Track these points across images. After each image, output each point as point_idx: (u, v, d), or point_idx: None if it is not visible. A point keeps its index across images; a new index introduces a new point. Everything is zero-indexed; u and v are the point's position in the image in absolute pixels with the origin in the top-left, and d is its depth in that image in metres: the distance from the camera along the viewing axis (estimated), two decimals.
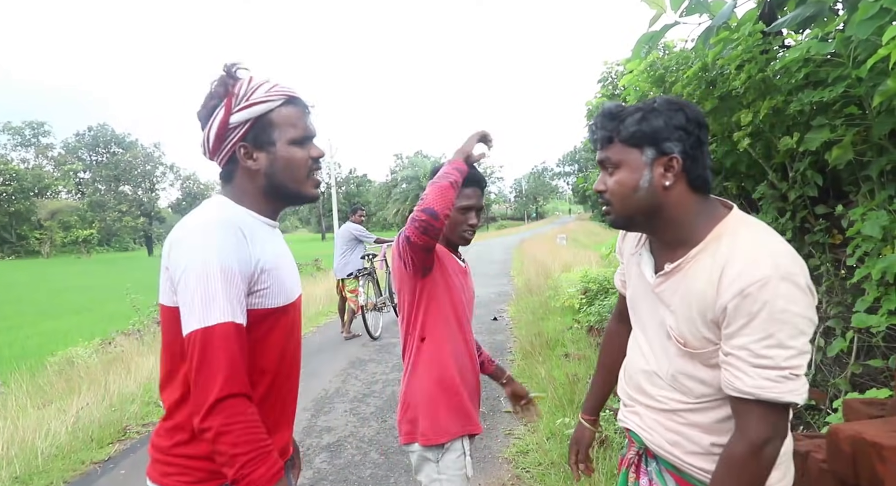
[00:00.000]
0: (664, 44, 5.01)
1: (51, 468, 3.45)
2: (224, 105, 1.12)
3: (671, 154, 1.05)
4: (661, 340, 1.15)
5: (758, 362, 0.95)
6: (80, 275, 25.93)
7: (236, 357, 1.00)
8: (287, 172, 1.16)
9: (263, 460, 0.99)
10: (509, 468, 3.21)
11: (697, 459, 1.11)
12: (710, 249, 1.04)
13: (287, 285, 1.16)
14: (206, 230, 1.04)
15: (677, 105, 1.07)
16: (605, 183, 1.12)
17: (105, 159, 61.23)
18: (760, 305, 0.94)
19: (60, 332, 9.86)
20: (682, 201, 1.07)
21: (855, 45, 2.28)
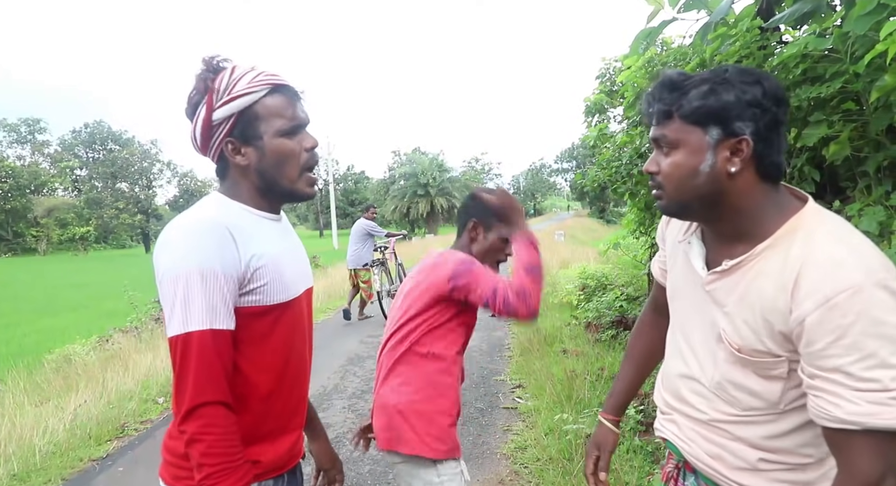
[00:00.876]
0: (662, 40, 5.02)
1: (49, 465, 3.45)
2: (206, 101, 1.07)
3: (741, 135, 0.89)
4: (707, 342, 1.02)
5: (859, 386, 0.80)
6: (77, 272, 25.87)
7: (213, 365, 0.98)
8: (278, 168, 1.10)
9: (230, 473, 0.98)
10: (507, 463, 3.22)
11: (743, 475, 0.99)
12: (781, 246, 0.89)
13: (288, 279, 1.12)
14: (188, 233, 1.01)
15: (754, 76, 0.90)
16: (658, 164, 0.97)
17: (102, 156, 61.00)
18: (853, 317, 0.79)
19: (58, 329, 9.84)
20: (749, 191, 0.92)
21: (852, 40, 2.28)
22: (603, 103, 7.16)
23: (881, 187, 2.31)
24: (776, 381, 0.93)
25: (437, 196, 43.14)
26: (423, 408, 1.62)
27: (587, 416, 3.40)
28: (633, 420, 3.27)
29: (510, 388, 4.60)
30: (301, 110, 1.13)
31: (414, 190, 43.36)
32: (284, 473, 1.19)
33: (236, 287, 1.03)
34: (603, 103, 7.16)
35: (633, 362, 1.39)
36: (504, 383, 4.72)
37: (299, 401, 1.22)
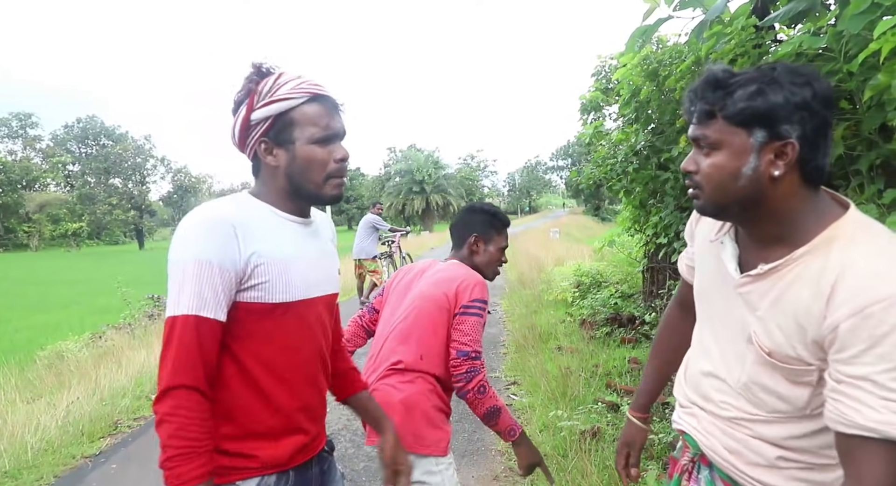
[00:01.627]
0: (658, 38, 5.03)
1: (41, 462, 3.43)
2: (247, 102, 1.14)
3: (787, 139, 0.86)
4: (735, 344, 1.01)
5: (885, 395, 0.79)
6: (70, 268, 25.71)
7: (192, 350, 1.01)
8: (305, 173, 1.14)
9: (191, 459, 0.99)
10: (502, 459, 3.23)
11: (760, 472, 0.98)
12: (819, 253, 0.87)
13: (297, 281, 1.14)
14: (192, 226, 1.06)
15: (804, 77, 0.86)
16: (697, 163, 0.94)
17: (95, 152, 60.53)
18: (888, 328, 0.78)
19: (50, 326, 9.77)
20: (791, 196, 0.90)
21: (846, 39, 2.29)
22: (598, 101, 7.18)
23: (873, 186, 2.33)
24: (805, 387, 0.92)
25: (432, 193, 43.13)
26: (426, 405, 1.70)
27: (582, 413, 3.41)
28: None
29: (505, 385, 4.61)
30: (337, 122, 1.18)
31: (409, 187, 43.33)
32: (290, 469, 1.18)
33: (233, 281, 1.06)
34: (598, 101, 7.18)
35: (660, 359, 1.38)
36: (499, 380, 4.73)
37: (308, 403, 1.21)
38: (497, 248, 1.91)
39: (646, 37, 3.66)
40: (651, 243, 5.34)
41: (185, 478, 0.98)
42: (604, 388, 3.97)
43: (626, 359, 4.50)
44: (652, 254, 5.59)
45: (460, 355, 1.68)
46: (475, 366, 1.68)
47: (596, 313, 5.99)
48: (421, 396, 1.71)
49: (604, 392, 3.87)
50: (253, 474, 1.13)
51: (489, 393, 1.69)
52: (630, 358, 4.49)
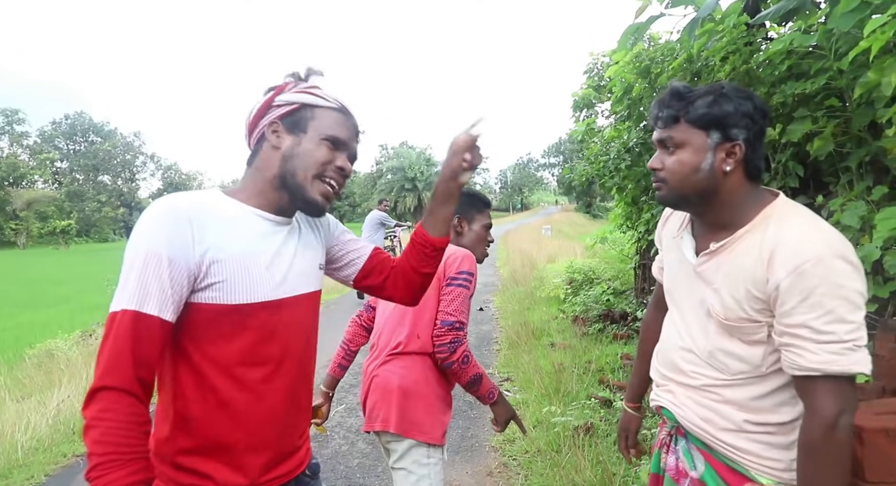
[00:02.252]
0: (649, 35, 5.05)
1: (31, 461, 3.41)
2: (278, 88, 1.14)
3: (736, 141, 1.06)
4: (699, 318, 1.16)
5: (820, 338, 0.96)
6: (59, 266, 25.47)
7: (125, 349, 0.92)
8: (300, 163, 1.09)
9: (119, 466, 0.88)
10: (496, 455, 3.25)
11: (730, 435, 1.12)
12: (758, 229, 1.06)
13: (261, 282, 1.05)
14: (146, 217, 1.00)
15: (746, 93, 1.08)
16: (663, 162, 1.13)
17: (83, 148, 59.98)
18: (817, 281, 0.95)
19: (39, 324, 9.68)
20: (737, 188, 1.09)
21: (836, 37, 2.32)
22: (591, 98, 7.19)
23: (863, 183, 2.36)
24: (758, 345, 1.07)
25: (424, 190, 43.10)
26: (422, 392, 1.73)
27: (575, 408, 3.43)
28: (621, 412, 3.30)
29: (498, 381, 4.62)
30: (353, 139, 1.16)
31: (401, 184, 43.29)
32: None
33: (185, 276, 0.99)
34: (591, 98, 7.19)
35: (644, 359, 1.51)
36: (493, 377, 4.74)
37: (280, 418, 1.10)
38: (480, 226, 1.94)
39: (638, 34, 3.68)
40: (643, 240, 5.37)
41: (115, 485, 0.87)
42: (597, 384, 3.99)
43: (618, 355, 4.53)
44: (644, 251, 5.62)
45: (444, 324, 1.70)
46: (458, 337, 1.70)
47: (588, 309, 6.02)
48: (420, 383, 1.73)
49: (597, 388, 3.89)
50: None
51: (472, 362, 1.73)
52: (622, 354, 4.52)
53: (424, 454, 1.70)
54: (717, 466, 1.14)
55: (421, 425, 1.70)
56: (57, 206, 53.27)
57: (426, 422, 1.71)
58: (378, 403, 1.75)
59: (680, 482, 1.22)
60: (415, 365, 1.74)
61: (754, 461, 1.09)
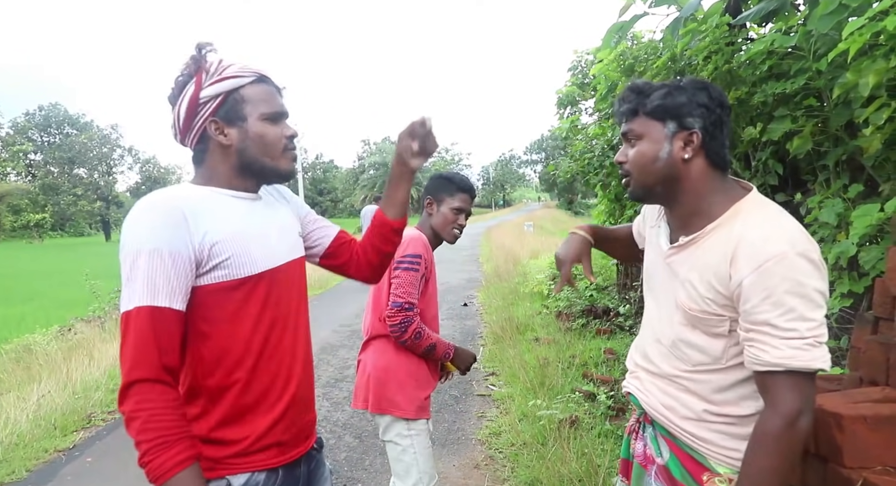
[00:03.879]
0: (633, 34, 5.11)
1: (12, 457, 3.35)
2: (194, 81, 1.11)
3: (692, 129, 1.09)
4: (668, 308, 1.20)
5: (782, 334, 0.98)
6: (33, 260, 24.88)
7: (148, 342, 0.98)
8: (260, 148, 1.14)
9: (167, 448, 0.96)
10: (482, 449, 3.29)
11: (690, 424, 1.15)
12: (725, 226, 1.08)
13: (258, 253, 1.12)
14: (140, 214, 1.03)
15: (702, 84, 1.12)
16: (626, 155, 1.17)
17: (58, 141, 58.55)
18: (778, 279, 0.97)
19: (13, 319, 9.46)
20: (700, 176, 1.12)
21: (815, 39, 2.38)
22: (575, 95, 7.25)
23: (839, 181, 2.43)
24: (719, 338, 1.10)
25: None
26: (394, 375, 1.88)
27: (560, 402, 3.48)
28: (604, 405, 3.37)
29: (484, 376, 4.67)
30: (283, 101, 1.19)
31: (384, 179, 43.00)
32: (279, 467, 1.16)
33: (189, 267, 1.04)
34: (575, 95, 7.25)
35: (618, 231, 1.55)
36: (478, 371, 4.78)
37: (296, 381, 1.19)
38: (449, 208, 1.97)
39: (622, 33, 3.73)
40: None
41: (166, 467, 0.96)
42: (580, 378, 4.05)
43: (601, 350, 4.59)
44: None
45: (394, 306, 1.82)
46: (409, 317, 1.81)
47: (572, 304, 6.09)
48: (391, 364, 1.89)
49: (581, 382, 3.95)
50: (242, 469, 1.11)
51: (424, 336, 1.86)
52: (606, 349, 4.58)
53: (405, 427, 1.87)
54: (679, 454, 1.17)
55: (396, 402, 1.87)
56: (31, 199, 51.93)
57: (400, 400, 1.87)
58: (359, 385, 1.96)
59: (647, 469, 1.25)
60: (385, 347, 1.91)
61: (714, 451, 1.12)
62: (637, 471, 1.30)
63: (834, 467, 1.34)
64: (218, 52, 1.15)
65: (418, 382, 1.92)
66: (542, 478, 2.71)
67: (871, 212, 2.01)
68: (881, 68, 1.89)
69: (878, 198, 2.19)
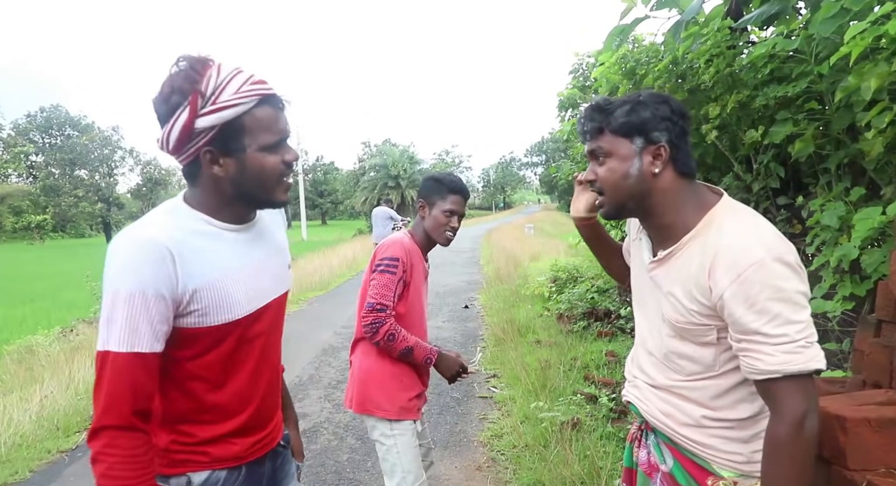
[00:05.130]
0: (634, 37, 5.12)
1: (15, 457, 3.36)
2: (189, 105, 1.00)
3: (659, 143, 1.10)
4: (656, 321, 1.20)
5: (773, 341, 0.99)
6: (34, 262, 24.89)
7: (124, 388, 0.97)
8: (256, 181, 1.07)
9: None
10: (484, 451, 3.29)
11: (690, 430, 1.16)
12: (700, 237, 1.08)
13: (239, 298, 1.09)
14: (126, 250, 1.00)
15: (662, 98, 1.13)
16: (596, 172, 1.16)
17: (59, 142, 58.61)
18: (759, 287, 0.98)
19: (14, 320, 9.47)
20: (671, 187, 1.12)
21: (817, 42, 2.39)
22: (576, 98, 7.26)
23: (841, 184, 2.44)
24: (709, 347, 1.11)
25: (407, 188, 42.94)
26: (376, 376, 1.92)
27: (562, 404, 3.49)
28: (606, 408, 3.37)
29: (485, 378, 4.67)
30: (285, 122, 1.10)
31: (384, 182, 43.03)
32: (242, 465, 1.19)
33: (170, 308, 1.02)
34: (576, 98, 7.26)
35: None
36: (479, 374, 4.79)
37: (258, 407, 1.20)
38: (440, 211, 1.96)
39: (623, 36, 3.75)
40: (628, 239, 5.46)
41: None
42: (582, 380, 4.05)
43: (602, 352, 4.60)
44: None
45: (367, 307, 1.84)
46: (379, 318, 1.83)
47: (573, 307, 6.09)
48: (373, 365, 1.93)
49: (582, 384, 3.95)
50: (204, 468, 1.13)
51: (398, 338, 1.85)
52: (607, 351, 4.59)
53: (388, 427, 1.91)
54: (683, 460, 1.18)
55: (378, 403, 1.91)
56: (32, 200, 51.95)
57: (381, 400, 1.91)
58: (348, 385, 2.02)
59: (652, 476, 1.26)
60: (369, 349, 1.94)
61: (715, 455, 1.13)
62: (642, 479, 1.30)
63: (838, 469, 1.34)
64: (215, 65, 1.04)
65: (402, 383, 1.93)
66: (544, 480, 2.72)
67: (873, 215, 2.01)
68: (883, 72, 1.90)
69: (879, 201, 2.19)
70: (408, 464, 1.91)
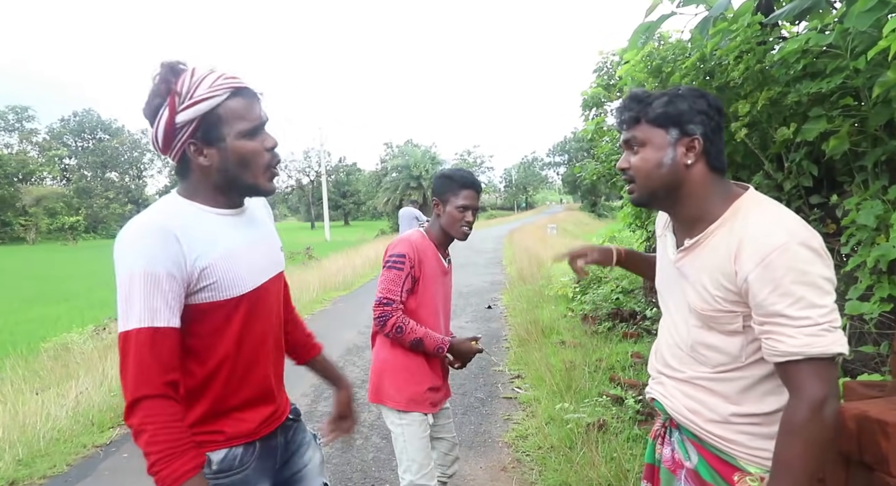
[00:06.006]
0: (660, 34, 5.05)
1: (53, 451, 3.47)
2: (168, 105, 1.11)
3: (693, 135, 1.13)
4: (682, 313, 1.22)
5: (796, 323, 0.99)
6: (68, 262, 25.65)
7: (148, 361, 1.04)
8: (240, 167, 1.16)
9: (174, 459, 1.03)
10: (509, 451, 3.28)
11: (716, 427, 1.15)
12: (727, 224, 1.11)
13: (243, 273, 1.19)
14: (136, 236, 1.08)
15: (700, 93, 1.16)
16: (629, 161, 1.20)
17: (91, 146, 60.29)
18: (783, 271, 1.00)
19: (50, 318, 9.78)
20: (702, 180, 1.15)
21: (853, 36, 2.33)
22: (600, 97, 7.19)
23: (878, 182, 2.37)
24: (735, 336, 1.12)
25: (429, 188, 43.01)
26: (389, 367, 2.02)
27: (587, 405, 3.46)
28: (632, 410, 3.33)
29: (509, 378, 4.66)
30: (261, 111, 1.19)
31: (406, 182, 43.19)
32: (256, 440, 1.27)
33: (182, 287, 1.10)
34: (600, 97, 7.19)
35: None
36: (503, 374, 4.78)
37: (267, 381, 1.29)
38: (454, 207, 2.02)
39: (649, 33, 3.69)
40: (653, 239, 5.38)
41: (175, 476, 1.03)
42: (608, 382, 4.01)
43: (628, 354, 4.55)
44: (653, 250, 5.63)
45: (375, 301, 1.96)
46: (386, 311, 1.94)
47: (597, 308, 6.03)
48: (388, 359, 2.03)
49: (608, 386, 3.92)
50: (220, 446, 1.21)
51: (407, 330, 1.94)
52: (633, 353, 4.54)
53: (396, 416, 2.02)
54: (708, 456, 1.18)
55: (387, 393, 2.02)
56: (65, 202, 53.52)
57: (391, 391, 2.01)
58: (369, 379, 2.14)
59: (676, 473, 1.26)
60: (384, 341, 2.05)
61: (742, 451, 1.13)
62: (666, 476, 1.30)
63: (881, 475, 1.31)
64: (188, 67, 1.15)
65: (412, 375, 2.01)
66: (570, 482, 2.70)
67: None
68: None
69: None
70: (413, 453, 2.00)
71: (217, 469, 1.20)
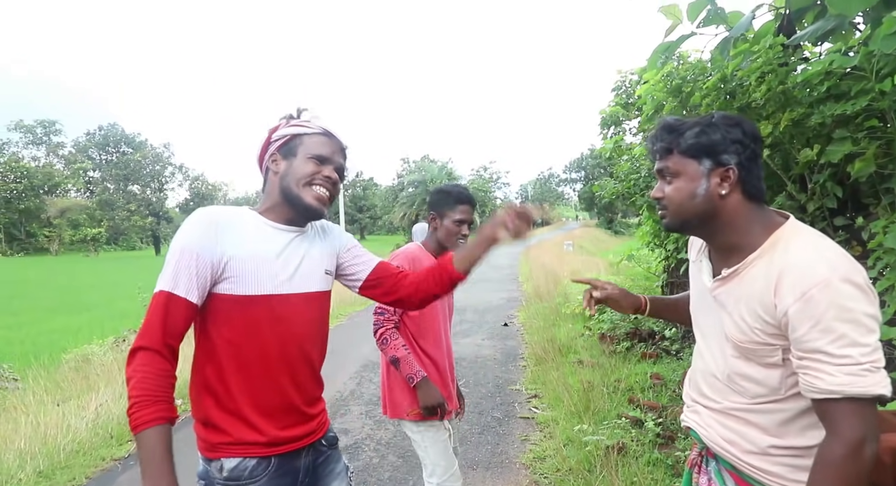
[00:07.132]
0: (679, 54, 5.05)
1: (73, 463, 3.50)
2: (274, 127, 1.40)
3: (728, 165, 1.11)
4: (718, 342, 1.19)
5: (836, 361, 0.96)
6: (89, 273, 26.09)
7: (157, 319, 1.18)
8: (292, 178, 1.33)
9: (147, 405, 1.12)
10: (527, 473, 3.24)
11: (754, 458, 1.13)
12: (766, 255, 1.08)
13: (266, 279, 1.28)
14: (189, 221, 1.26)
15: (734, 120, 1.13)
16: (663, 191, 1.19)
17: (115, 159, 61.61)
18: (825, 306, 0.96)
19: (72, 329, 9.93)
20: (738, 209, 1.13)
21: (878, 59, 2.32)
22: (619, 115, 7.19)
23: None
24: (774, 368, 1.09)
25: None
26: (395, 377, 2.07)
27: (606, 427, 3.41)
28: (652, 433, 3.28)
29: (526, 398, 4.61)
30: (338, 155, 1.39)
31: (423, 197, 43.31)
32: (272, 456, 1.30)
33: (209, 269, 1.23)
34: (619, 115, 7.19)
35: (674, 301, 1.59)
36: (520, 393, 4.73)
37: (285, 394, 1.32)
38: (451, 221, 2.08)
39: (668, 53, 3.69)
40: (672, 258, 5.33)
41: (141, 421, 1.12)
42: (626, 403, 3.96)
43: (647, 374, 4.48)
44: (672, 269, 5.58)
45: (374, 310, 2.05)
46: (378, 321, 2.04)
47: (616, 327, 5.97)
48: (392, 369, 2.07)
49: (626, 407, 3.86)
50: (234, 454, 1.27)
51: (391, 345, 2.00)
52: (652, 374, 4.47)
53: (413, 424, 2.07)
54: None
55: (399, 404, 2.08)
56: (88, 214, 54.64)
57: (402, 402, 2.07)
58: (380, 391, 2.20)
59: None
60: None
61: (781, 483, 1.10)
62: None
63: None
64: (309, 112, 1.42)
65: None
66: None
67: None
68: None
69: None
70: (435, 456, 2.05)
71: (227, 476, 1.27)
